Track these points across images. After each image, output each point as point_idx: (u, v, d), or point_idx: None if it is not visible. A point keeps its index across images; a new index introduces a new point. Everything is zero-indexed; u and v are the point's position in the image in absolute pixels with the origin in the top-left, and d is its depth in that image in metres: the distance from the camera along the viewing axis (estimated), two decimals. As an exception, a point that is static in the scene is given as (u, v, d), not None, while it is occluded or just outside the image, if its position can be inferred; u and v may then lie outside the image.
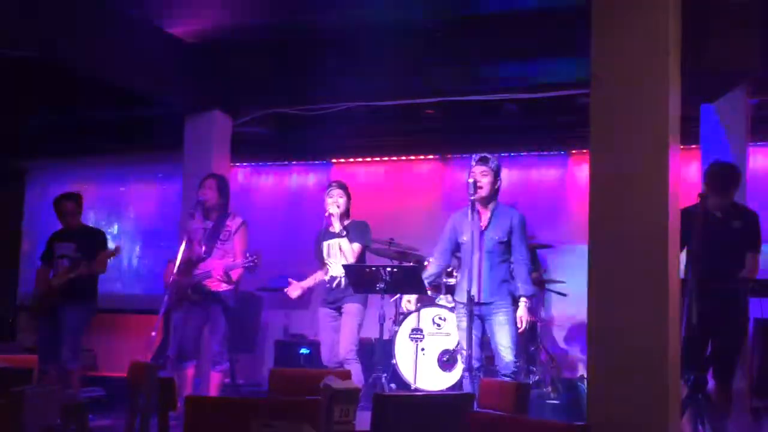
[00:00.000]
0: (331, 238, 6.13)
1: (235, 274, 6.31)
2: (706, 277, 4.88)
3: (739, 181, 5.37)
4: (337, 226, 6.06)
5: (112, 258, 6.66)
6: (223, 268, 6.23)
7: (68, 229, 6.85)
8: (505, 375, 5.27)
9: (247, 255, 6.17)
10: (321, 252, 6.21)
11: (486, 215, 5.51)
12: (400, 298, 7.23)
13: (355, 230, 6.12)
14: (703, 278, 4.80)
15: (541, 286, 7.75)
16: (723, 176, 5.27)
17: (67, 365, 6.45)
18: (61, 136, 9.33)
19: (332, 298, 6.12)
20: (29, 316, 6.88)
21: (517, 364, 5.43)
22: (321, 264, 6.24)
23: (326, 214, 6.10)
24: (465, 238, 5.49)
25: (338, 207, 6.06)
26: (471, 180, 5.41)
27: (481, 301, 5.36)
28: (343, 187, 6.18)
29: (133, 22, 6.79)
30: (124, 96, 7.62)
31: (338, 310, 6.11)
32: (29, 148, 9.83)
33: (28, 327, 7.35)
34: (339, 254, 6.07)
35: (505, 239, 5.44)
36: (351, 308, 6.05)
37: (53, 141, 9.50)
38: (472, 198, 5.39)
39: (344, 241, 6.06)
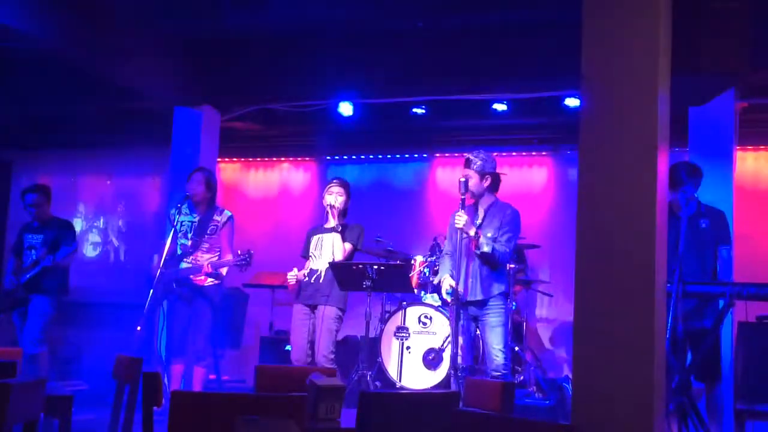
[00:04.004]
0: (323, 233, 6.07)
1: (223, 271, 6.26)
2: (682, 278, 4.89)
3: (696, 177, 5.32)
4: (332, 222, 6.01)
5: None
6: (212, 265, 6.16)
7: (39, 220, 6.90)
8: (495, 377, 5.24)
9: (239, 252, 6.06)
10: (308, 246, 6.13)
11: (480, 214, 5.52)
12: (387, 296, 7.24)
13: (351, 231, 6.05)
14: (683, 280, 4.81)
15: (526, 285, 7.78)
16: (678, 172, 5.22)
17: (29, 349, 6.40)
18: (48, 128, 9.28)
19: (309, 293, 5.97)
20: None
21: (507, 365, 5.42)
22: (305, 257, 6.14)
23: (326, 204, 6.05)
24: (457, 236, 5.48)
25: (338, 202, 6.04)
26: (462, 179, 5.43)
27: (470, 299, 5.36)
28: (344, 185, 6.15)
29: (124, 15, 6.76)
30: (113, 89, 7.59)
31: (312, 309, 5.97)
32: (16, 139, 9.77)
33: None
34: (329, 249, 5.97)
35: (497, 236, 5.42)
36: (329, 313, 5.90)
37: (40, 133, 9.45)
38: (462, 197, 5.41)
39: (338, 237, 5.98)
